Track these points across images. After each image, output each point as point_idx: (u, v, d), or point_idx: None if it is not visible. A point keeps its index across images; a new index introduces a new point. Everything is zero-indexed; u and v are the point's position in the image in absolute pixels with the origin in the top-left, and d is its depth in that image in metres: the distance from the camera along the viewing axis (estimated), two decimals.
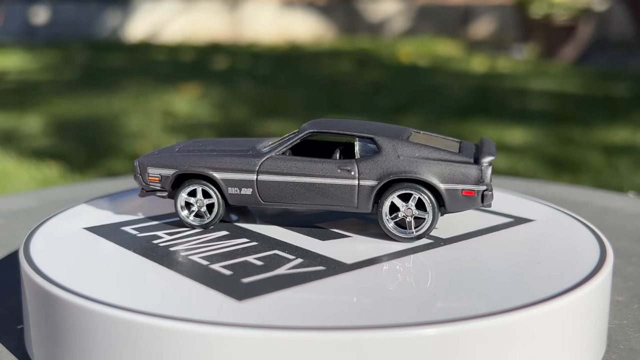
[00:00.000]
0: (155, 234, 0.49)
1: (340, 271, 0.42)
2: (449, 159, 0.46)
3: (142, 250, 0.46)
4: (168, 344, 0.35)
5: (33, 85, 3.27)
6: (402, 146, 0.47)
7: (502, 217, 0.53)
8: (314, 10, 5.68)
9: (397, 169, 0.46)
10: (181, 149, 0.53)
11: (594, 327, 0.41)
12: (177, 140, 2.32)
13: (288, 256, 0.44)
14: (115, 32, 5.40)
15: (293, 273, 0.41)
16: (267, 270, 0.42)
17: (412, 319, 0.35)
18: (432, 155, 0.46)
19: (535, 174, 1.92)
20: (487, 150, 0.47)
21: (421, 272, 0.43)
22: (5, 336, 0.45)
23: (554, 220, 0.53)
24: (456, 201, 0.46)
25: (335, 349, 0.34)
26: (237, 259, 0.44)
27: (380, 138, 0.47)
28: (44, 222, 0.51)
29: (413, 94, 3.09)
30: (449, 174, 0.46)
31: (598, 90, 3.22)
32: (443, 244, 0.47)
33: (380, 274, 0.42)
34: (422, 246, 0.46)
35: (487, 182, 0.46)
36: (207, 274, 0.41)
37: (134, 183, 0.56)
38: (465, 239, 0.48)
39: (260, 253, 0.45)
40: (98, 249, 0.47)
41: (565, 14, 4.35)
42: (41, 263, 0.42)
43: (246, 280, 0.40)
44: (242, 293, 0.38)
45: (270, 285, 0.39)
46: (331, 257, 0.44)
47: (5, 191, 1.77)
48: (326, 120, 0.51)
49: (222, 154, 0.50)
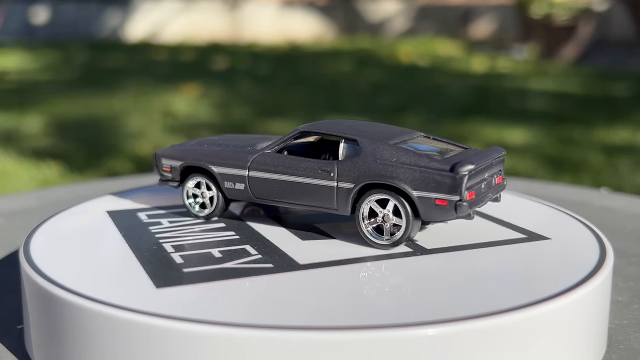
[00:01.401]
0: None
1: (286, 270, 0.42)
2: (426, 166, 0.44)
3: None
4: (167, 344, 0.35)
5: (33, 85, 3.27)
6: (382, 150, 0.45)
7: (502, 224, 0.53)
8: (314, 10, 5.68)
9: (373, 172, 0.45)
10: (196, 143, 0.54)
11: (595, 327, 0.41)
12: (176, 140, 2.32)
13: (252, 251, 0.45)
14: (115, 32, 5.41)
15: (238, 267, 0.42)
16: (219, 262, 0.43)
17: (343, 323, 0.34)
18: (410, 161, 0.44)
19: (536, 174, 1.92)
20: (470, 159, 0.44)
21: (375, 276, 0.42)
22: (5, 336, 0.45)
23: (554, 220, 0.53)
24: (430, 210, 0.44)
25: (332, 348, 0.34)
26: (203, 250, 0.45)
27: (364, 140, 0.46)
28: (44, 222, 0.51)
29: (413, 94, 3.09)
30: (422, 181, 0.43)
31: (598, 90, 3.22)
32: (419, 253, 0.45)
33: (330, 275, 0.41)
34: (403, 253, 0.45)
35: (462, 193, 0.43)
36: (158, 261, 0.43)
37: (134, 183, 0.56)
38: (461, 241, 0.48)
39: (231, 246, 0.46)
40: (98, 248, 0.47)
41: (566, 14, 4.36)
42: (41, 263, 0.42)
43: (187, 270, 0.42)
44: (167, 281, 0.40)
45: (205, 276, 0.41)
46: (291, 255, 0.44)
47: (5, 191, 1.77)
48: (327, 121, 0.51)
49: (224, 149, 0.51)
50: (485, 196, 0.46)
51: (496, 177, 0.48)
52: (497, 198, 0.49)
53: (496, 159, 0.47)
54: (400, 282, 0.41)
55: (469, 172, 0.43)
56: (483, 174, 0.45)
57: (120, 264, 0.44)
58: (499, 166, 0.48)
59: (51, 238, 0.48)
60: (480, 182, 0.45)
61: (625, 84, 3.37)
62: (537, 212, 0.56)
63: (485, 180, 0.46)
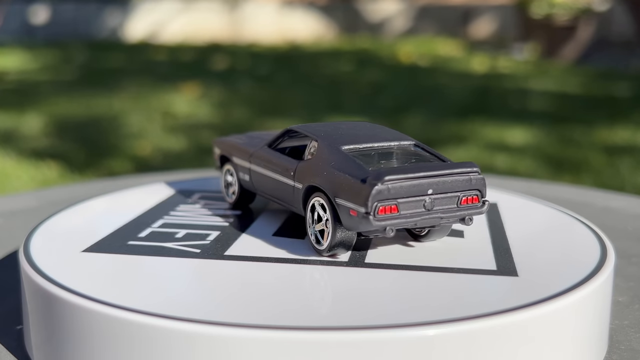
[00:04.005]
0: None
1: (206, 257, 0.44)
2: (351, 174, 0.41)
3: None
4: (167, 344, 0.35)
5: (32, 85, 3.27)
6: (329, 154, 0.43)
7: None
8: (314, 10, 5.68)
9: (313, 175, 0.43)
10: (245, 135, 0.57)
11: (596, 328, 0.41)
12: (176, 140, 2.32)
13: (212, 237, 0.47)
14: (114, 31, 5.40)
15: (173, 248, 0.45)
16: (168, 240, 0.47)
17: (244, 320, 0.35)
18: (342, 167, 0.42)
19: (536, 174, 1.92)
20: (395, 171, 0.40)
21: (297, 278, 0.41)
22: (4, 336, 0.45)
23: (555, 220, 0.53)
24: (347, 219, 0.41)
25: (332, 349, 0.33)
26: (179, 230, 0.49)
27: (322, 142, 0.45)
28: (44, 222, 0.51)
29: (413, 94, 3.08)
30: (343, 188, 0.41)
31: (599, 90, 3.22)
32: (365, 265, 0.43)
33: (244, 269, 0.42)
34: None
35: (368, 205, 0.39)
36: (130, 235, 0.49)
37: (134, 183, 0.56)
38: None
39: (206, 230, 0.49)
40: (98, 248, 0.47)
41: (566, 13, 4.36)
42: (41, 262, 0.42)
43: (130, 242, 0.47)
44: (94, 248, 0.46)
45: (136, 250, 0.45)
46: (232, 246, 0.46)
47: (5, 191, 1.77)
48: (326, 122, 0.51)
49: (247, 142, 0.54)
50: (430, 216, 0.41)
51: (463, 198, 0.42)
52: (465, 220, 0.42)
53: (450, 175, 0.41)
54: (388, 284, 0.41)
55: (382, 183, 0.39)
56: (424, 189, 0.40)
57: (120, 263, 0.44)
58: (464, 185, 0.42)
59: (51, 238, 0.48)
60: (418, 198, 0.40)
61: (625, 84, 3.37)
62: (538, 212, 0.55)
63: (432, 198, 0.41)
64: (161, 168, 2.00)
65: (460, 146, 2.18)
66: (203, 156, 2.12)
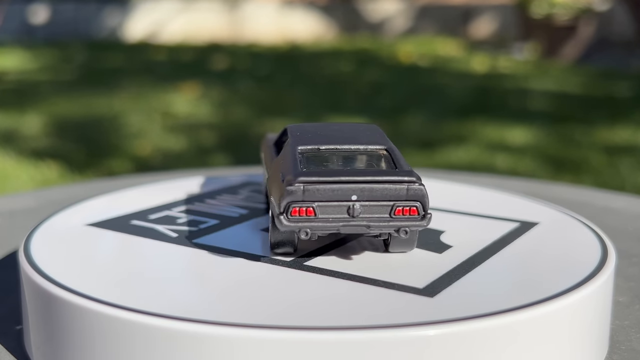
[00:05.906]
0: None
1: (179, 243, 0.45)
2: (284, 173, 0.40)
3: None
4: (167, 344, 0.35)
5: (32, 85, 3.27)
6: (286, 153, 0.43)
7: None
8: (314, 10, 5.68)
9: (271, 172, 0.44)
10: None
11: (596, 328, 0.40)
12: (176, 140, 2.32)
13: (212, 237, 0.47)
14: (114, 31, 5.41)
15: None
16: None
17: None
18: (283, 166, 0.41)
19: (536, 173, 1.92)
20: (312, 173, 0.39)
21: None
22: (4, 336, 0.45)
23: (555, 221, 0.53)
24: (275, 218, 0.39)
25: (331, 349, 0.33)
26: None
27: (290, 141, 0.44)
28: (44, 222, 0.51)
29: (413, 94, 3.09)
30: (273, 187, 0.41)
31: (599, 90, 3.22)
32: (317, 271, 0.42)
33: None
34: None
35: (280, 205, 0.38)
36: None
37: (134, 182, 0.56)
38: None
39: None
40: (98, 248, 0.47)
41: (566, 13, 4.36)
42: (41, 262, 0.42)
43: (134, 222, 0.50)
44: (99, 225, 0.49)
45: (125, 228, 0.48)
46: (214, 237, 0.47)
47: (5, 191, 1.77)
48: (322, 123, 0.51)
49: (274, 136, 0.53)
50: (354, 223, 0.39)
51: (397, 208, 0.39)
52: (399, 232, 0.39)
53: (380, 182, 0.39)
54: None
55: (296, 184, 0.38)
56: (347, 195, 0.38)
57: (120, 262, 0.44)
58: (398, 194, 0.39)
59: (51, 238, 0.48)
60: (340, 203, 0.38)
61: (626, 83, 3.37)
62: (538, 212, 0.55)
63: (358, 204, 0.39)
64: (161, 168, 2.00)
65: (461, 146, 2.18)
66: (203, 156, 2.12)
